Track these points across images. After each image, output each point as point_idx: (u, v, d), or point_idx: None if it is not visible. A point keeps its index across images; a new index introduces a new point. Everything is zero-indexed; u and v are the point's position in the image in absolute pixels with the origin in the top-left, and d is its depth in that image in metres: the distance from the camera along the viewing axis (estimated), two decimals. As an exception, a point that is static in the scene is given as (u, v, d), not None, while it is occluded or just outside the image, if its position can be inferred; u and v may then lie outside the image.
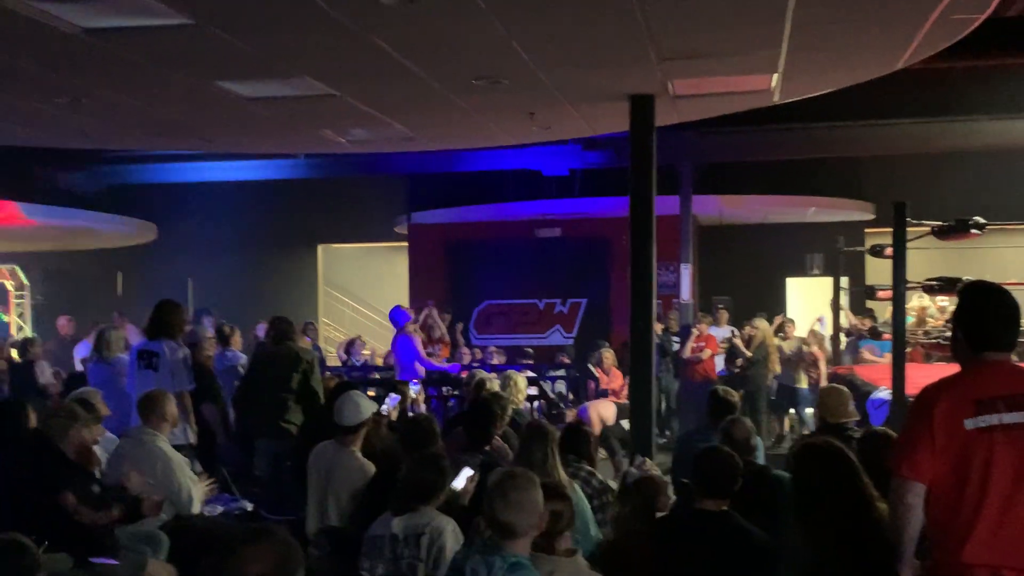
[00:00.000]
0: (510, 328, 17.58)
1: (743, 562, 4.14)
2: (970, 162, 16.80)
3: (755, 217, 18.11)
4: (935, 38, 6.51)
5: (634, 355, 7.86)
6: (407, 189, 18.54)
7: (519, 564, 3.53)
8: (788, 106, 8.74)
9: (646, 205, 7.76)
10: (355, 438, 5.50)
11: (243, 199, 18.77)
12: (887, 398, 8.14)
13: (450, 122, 8.94)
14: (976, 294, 3.58)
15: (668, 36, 6.14)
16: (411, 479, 4.40)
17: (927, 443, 3.34)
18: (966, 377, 3.45)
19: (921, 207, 9.97)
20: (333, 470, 5.40)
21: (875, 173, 17.41)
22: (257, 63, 6.59)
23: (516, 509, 3.58)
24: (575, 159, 14.97)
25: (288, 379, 7.47)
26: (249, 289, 18.88)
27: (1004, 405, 3.30)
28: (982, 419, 3.28)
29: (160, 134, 9.61)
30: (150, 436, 5.70)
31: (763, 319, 13.09)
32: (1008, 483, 3.25)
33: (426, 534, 4.17)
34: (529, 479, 3.71)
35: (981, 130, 14.17)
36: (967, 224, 8.35)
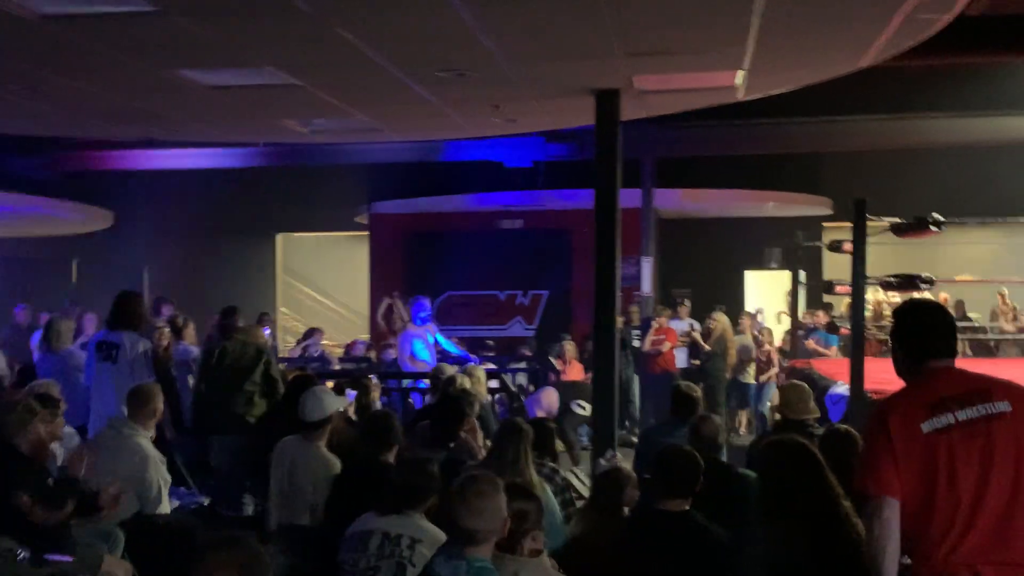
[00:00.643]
0: (471, 319, 17.56)
1: (704, 562, 4.15)
2: (928, 159, 17.02)
3: (715, 211, 18.23)
4: (901, 37, 6.56)
5: (597, 348, 7.87)
6: (368, 178, 18.42)
7: (484, 569, 3.51)
8: (749, 102, 8.78)
9: (611, 200, 7.76)
10: (320, 434, 5.45)
11: (201, 187, 18.55)
12: (845, 393, 8.19)
13: (414, 114, 8.89)
14: (909, 311, 3.65)
15: (634, 32, 6.14)
16: (400, 483, 4.34)
17: (889, 457, 3.35)
18: (914, 386, 3.48)
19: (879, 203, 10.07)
20: (297, 466, 5.35)
21: (833, 169, 17.58)
22: (220, 52, 6.51)
23: (477, 516, 3.55)
24: (538, 151, 14.96)
25: (250, 373, 7.38)
26: (207, 278, 18.69)
27: (956, 404, 3.34)
28: (937, 420, 3.31)
29: (118, 121, 9.46)
30: (131, 430, 5.63)
31: (722, 312, 13.18)
32: (975, 479, 3.28)
33: (405, 536, 4.13)
34: (492, 484, 3.67)
35: (939, 127, 14.35)
36: (926, 222, 8.43)
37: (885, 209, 9.30)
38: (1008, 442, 3.30)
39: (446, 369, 7.98)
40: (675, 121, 12.62)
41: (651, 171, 14.96)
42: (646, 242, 15.00)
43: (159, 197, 18.55)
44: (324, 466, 5.30)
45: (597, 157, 7.85)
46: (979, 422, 3.31)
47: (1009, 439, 3.30)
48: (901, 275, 8.37)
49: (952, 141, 14.87)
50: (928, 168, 17.30)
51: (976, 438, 3.30)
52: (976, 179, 17.51)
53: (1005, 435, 3.30)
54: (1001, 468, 3.29)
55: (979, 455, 3.29)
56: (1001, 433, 3.30)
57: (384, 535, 4.17)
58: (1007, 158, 17.19)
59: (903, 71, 12.13)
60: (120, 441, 5.58)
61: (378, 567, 4.11)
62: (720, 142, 14.69)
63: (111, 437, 5.67)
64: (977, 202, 16.42)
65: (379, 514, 4.26)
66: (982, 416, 3.31)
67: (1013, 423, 3.32)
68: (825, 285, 11.41)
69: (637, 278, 15.34)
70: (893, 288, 8.74)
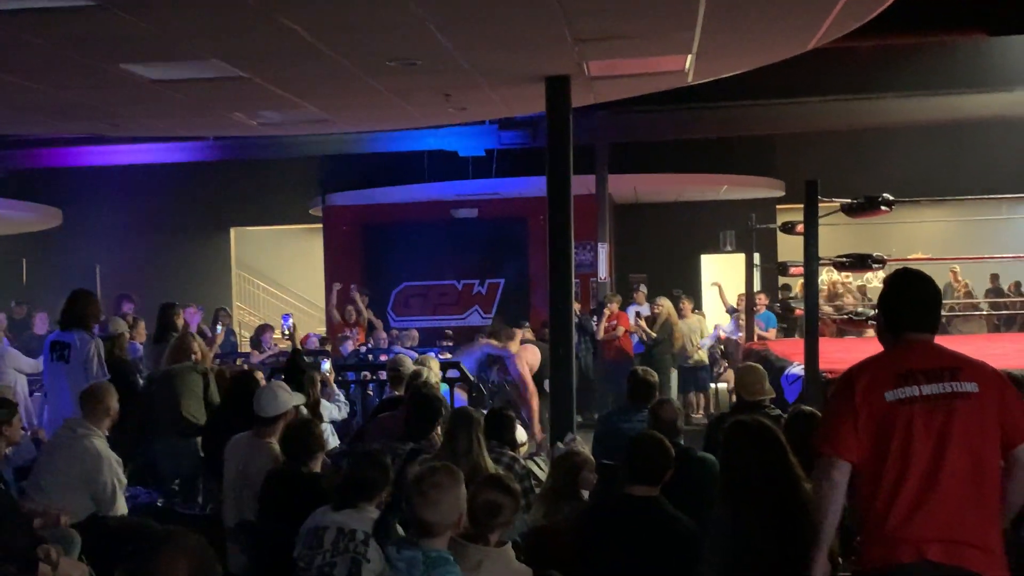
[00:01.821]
0: (429, 310, 17.53)
1: (670, 549, 4.16)
2: (881, 139, 17.20)
3: (669, 196, 18.31)
4: (845, 19, 6.61)
5: (553, 334, 7.88)
6: (321, 170, 18.29)
7: (439, 558, 3.51)
8: (700, 85, 8.81)
9: (563, 186, 7.77)
10: (273, 430, 5.40)
11: (152, 182, 18.37)
12: (801, 373, 8.26)
13: (365, 104, 8.83)
14: (896, 280, 3.65)
15: (583, 17, 6.13)
16: (354, 476, 4.31)
17: (850, 420, 3.39)
18: (887, 355, 3.53)
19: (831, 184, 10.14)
20: (250, 463, 5.30)
21: (786, 151, 17.72)
22: (162, 45, 6.41)
23: (434, 508, 3.55)
24: (492, 139, 14.94)
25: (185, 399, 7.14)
26: (160, 274, 18.51)
27: (923, 377, 3.36)
28: (902, 391, 3.34)
29: (63, 118, 9.31)
30: (85, 430, 5.57)
31: (666, 298, 13.29)
32: (928, 455, 3.30)
33: (359, 531, 4.10)
34: (452, 477, 3.67)
35: (889, 108, 14.50)
36: (876, 201, 8.51)
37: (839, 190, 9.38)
38: (970, 422, 3.32)
39: (405, 361, 7.92)
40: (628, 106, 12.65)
41: (605, 157, 14.98)
42: (601, 228, 15.03)
43: (110, 193, 18.34)
44: (277, 463, 5.24)
45: (549, 143, 7.85)
46: (943, 399, 3.33)
47: (971, 420, 3.32)
48: (853, 255, 8.44)
49: (903, 121, 15.04)
50: (881, 148, 17.50)
51: (937, 413, 3.32)
52: (929, 159, 17.75)
53: (967, 415, 3.32)
54: (958, 447, 3.30)
55: (937, 430, 3.30)
56: (963, 412, 3.32)
57: (339, 530, 4.14)
58: (958, 137, 17.44)
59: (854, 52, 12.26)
60: (74, 442, 5.52)
61: (334, 563, 4.09)
62: (673, 126, 14.74)
63: (66, 438, 5.62)
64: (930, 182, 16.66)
65: (334, 508, 4.23)
66: (947, 393, 3.34)
67: (978, 404, 3.34)
68: (779, 267, 11.50)
69: (593, 264, 15.38)
70: (846, 268, 8.82)
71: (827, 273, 15.75)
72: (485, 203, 17.07)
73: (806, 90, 14.22)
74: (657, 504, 4.31)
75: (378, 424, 6.51)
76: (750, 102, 14.23)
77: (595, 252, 15.21)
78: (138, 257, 18.69)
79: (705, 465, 5.26)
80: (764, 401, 6.22)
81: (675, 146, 16.43)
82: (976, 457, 3.32)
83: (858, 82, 14.54)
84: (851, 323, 8.96)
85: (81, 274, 16.32)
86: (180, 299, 13.14)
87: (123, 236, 18.54)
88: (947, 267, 16.91)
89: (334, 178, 17.99)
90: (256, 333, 13.49)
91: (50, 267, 17.86)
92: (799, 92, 14.24)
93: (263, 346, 12.53)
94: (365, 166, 17.13)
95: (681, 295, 13.96)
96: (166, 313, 8.25)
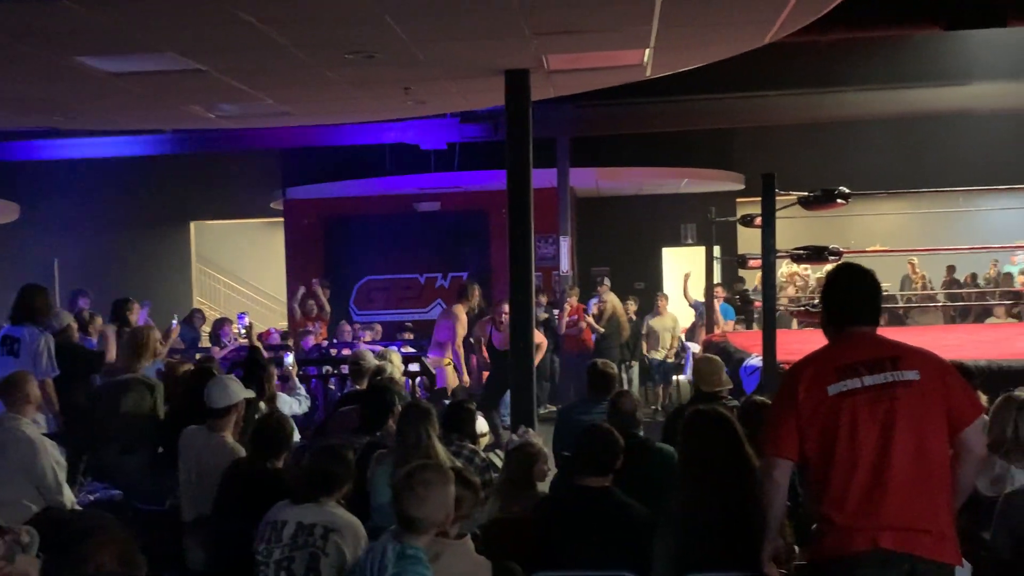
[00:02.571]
0: (392, 303, 17.49)
1: (624, 538, 4.20)
2: (838, 133, 17.38)
3: (631, 189, 18.40)
4: (800, 13, 6.66)
5: (514, 327, 7.89)
6: (282, 164, 18.19)
7: (412, 556, 3.52)
8: (661, 79, 8.85)
9: (523, 180, 7.78)
10: (226, 422, 5.37)
11: (110, 176, 18.18)
12: (759, 364, 8.35)
13: (324, 97, 8.79)
14: (836, 275, 3.73)
15: (540, 11, 6.14)
16: (315, 470, 4.29)
17: (792, 419, 3.44)
18: (829, 349, 3.58)
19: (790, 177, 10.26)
20: (203, 456, 5.27)
21: (746, 144, 17.86)
22: (117, 38, 6.34)
23: (422, 505, 3.57)
24: (453, 132, 14.92)
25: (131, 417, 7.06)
26: (119, 269, 18.34)
27: (865, 369, 3.40)
28: (843, 384, 3.39)
29: (18, 111, 9.19)
30: (12, 420, 5.49)
31: (610, 291, 13.38)
32: (874, 444, 3.34)
33: (319, 525, 4.09)
34: (441, 474, 3.69)
35: (848, 101, 14.65)
36: (832, 194, 8.62)
37: (799, 183, 9.49)
38: (913, 409, 3.37)
39: (367, 355, 7.91)
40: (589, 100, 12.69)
41: (567, 151, 15.02)
42: (563, 221, 15.06)
43: (67, 187, 18.14)
44: (231, 456, 5.23)
45: (508, 137, 7.86)
46: (885, 388, 3.38)
47: (915, 407, 3.37)
48: (810, 247, 8.55)
49: (861, 115, 15.20)
50: (840, 142, 17.69)
51: (880, 402, 3.37)
52: (887, 152, 17.96)
53: (910, 402, 3.37)
54: (904, 434, 3.34)
55: (882, 419, 3.35)
56: (906, 400, 3.37)
57: (298, 524, 4.13)
58: (916, 131, 17.66)
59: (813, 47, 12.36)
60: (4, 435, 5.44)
61: (292, 557, 4.08)
62: (633, 120, 14.80)
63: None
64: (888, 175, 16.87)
65: (293, 502, 4.22)
66: (888, 382, 3.38)
67: (920, 391, 3.39)
68: (739, 259, 11.60)
69: (555, 257, 15.42)
70: (803, 260, 8.93)
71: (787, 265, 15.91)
72: (447, 196, 17.06)
73: (765, 84, 14.34)
74: (609, 494, 4.36)
75: (339, 418, 6.52)
76: (710, 96, 14.32)
77: (557, 245, 15.24)
78: (97, 252, 18.50)
79: (662, 455, 5.31)
80: (722, 392, 6.31)
81: (636, 139, 16.50)
82: (923, 443, 3.37)
83: (816, 76, 14.68)
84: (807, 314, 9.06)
85: (39, 269, 16.15)
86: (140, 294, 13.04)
87: (81, 230, 18.35)
88: (905, 259, 17.14)
89: (295, 171, 17.90)
90: (213, 328, 13.36)
91: (7, 262, 17.63)
92: (758, 86, 14.35)
93: (222, 340, 12.43)
94: (326, 159, 17.06)
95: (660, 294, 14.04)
96: (119, 309, 8.18)
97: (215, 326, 13.38)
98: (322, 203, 17.68)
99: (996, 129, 17.28)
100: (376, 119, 12.24)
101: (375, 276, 17.51)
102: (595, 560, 4.17)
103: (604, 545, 4.20)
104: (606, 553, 4.18)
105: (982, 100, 14.48)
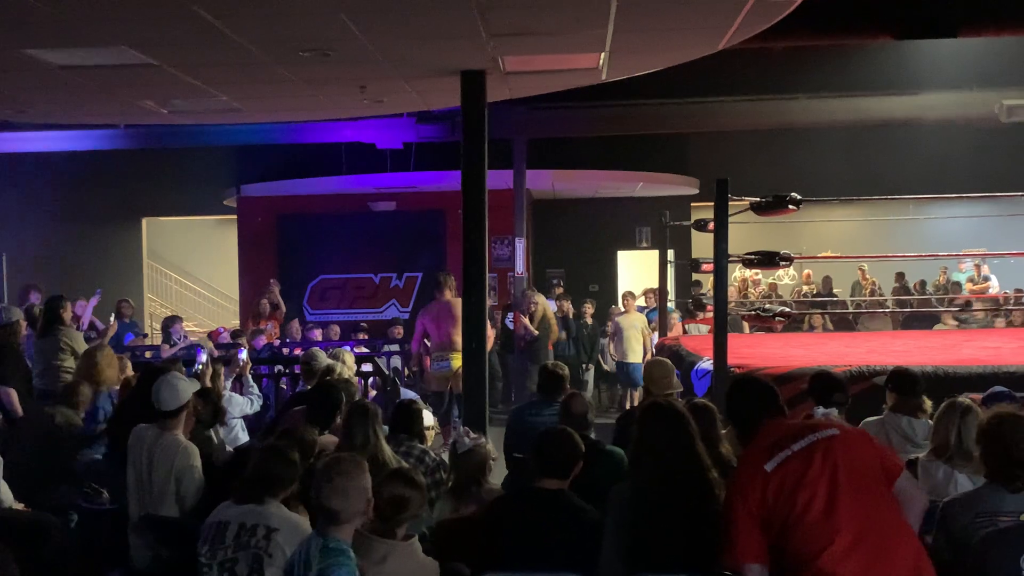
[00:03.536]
0: (346, 303, 17.41)
1: (575, 540, 4.21)
2: (792, 139, 17.56)
3: (587, 191, 18.47)
4: (754, 20, 6.72)
5: (467, 327, 7.88)
6: (236, 161, 18.03)
7: (335, 549, 3.51)
8: (618, 83, 8.90)
9: (479, 182, 7.77)
10: (176, 422, 5.32)
11: (61, 171, 17.94)
12: (710, 368, 8.41)
13: (278, 94, 8.72)
14: (734, 389, 4.05)
15: (496, 12, 6.14)
16: (260, 469, 4.25)
17: (746, 519, 3.56)
18: (753, 442, 3.76)
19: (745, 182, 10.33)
20: (154, 455, 5.21)
21: (701, 149, 18.00)
22: (68, 31, 6.26)
23: (341, 495, 3.56)
24: (410, 132, 14.89)
25: None
26: (70, 264, 18.08)
27: (791, 440, 3.61)
28: (777, 457, 3.57)
29: (-35, 103, 9.05)
30: None
31: (541, 295, 13.45)
32: (825, 497, 3.47)
33: (261, 526, 4.05)
34: (356, 465, 3.68)
35: (800, 109, 14.81)
36: (784, 200, 8.69)
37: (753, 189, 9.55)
38: (846, 459, 3.53)
39: (319, 355, 7.87)
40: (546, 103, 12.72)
41: (523, 152, 15.04)
42: (519, 223, 15.07)
43: (17, 181, 17.87)
44: (183, 454, 5.17)
45: (464, 138, 7.85)
46: (815, 445, 3.56)
47: (847, 457, 3.54)
48: (761, 252, 8.61)
49: (814, 122, 15.36)
50: (794, 148, 17.86)
51: (814, 459, 3.53)
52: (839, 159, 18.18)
53: (843, 452, 3.54)
54: (849, 482, 3.48)
55: (826, 475, 3.50)
56: (837, 452, 3.54)
57: (240, 526, 4.09)
58: (868, 139, 17.89)
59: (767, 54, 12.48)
60: None
61: (236, 558, 4.04)
62: (590, 123, 14.87)
63: None
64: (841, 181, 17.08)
65: (237, 502, 4.18)
66: (815, 441, 3.58)
67: (846, 442, 3.59)
68: (692, 263, 11.67)
69: (511, 259, 15.43)
70: (754, 265, 9.00)
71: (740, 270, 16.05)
72: (403, 196, 17.02)
73: (720, 90, 14.47)
74: (564, 496, 4.36)
75: (289, 418, 6.47)
76: (665, 101, 14.42)
77: (513, 247, 15.26)
78: (47, 247, 18.22)
79: (612, 458, 5.33)
80: (672, 395, 6.32)
81: (593, 142, 16.58)
82: (868, 487, 3.52)
83: (771, 83, 14.84)
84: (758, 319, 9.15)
85: (-14, 264, 15.90)
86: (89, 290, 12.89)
87: (31, 225, 18.06)
88: (856, 265, 17.37)
89: (249, 168, 17.76)
90: (164, 325, 13.20)
91: (-46, 257, 17.35)
92: (714, 92, 14.48)
93: (172, 338, 12.30)
94: (281, 157, 16.95)
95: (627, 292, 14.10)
96: (52, 306, 8.05)
97: (165, 324, 13.23)
98: (276, 201, 17.56)
99: (946, 138, 17.55)
100: (332, 117, 12.18)
101: (329, 275, 17.42)
102: (545, 562, 4.17)
103: (555, 547, 4.20)
104: (556, 555, 4.18)
105: (932, 109, 14.71)
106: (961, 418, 4.81)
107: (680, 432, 4.17)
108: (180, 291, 21.08)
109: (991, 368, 7.65)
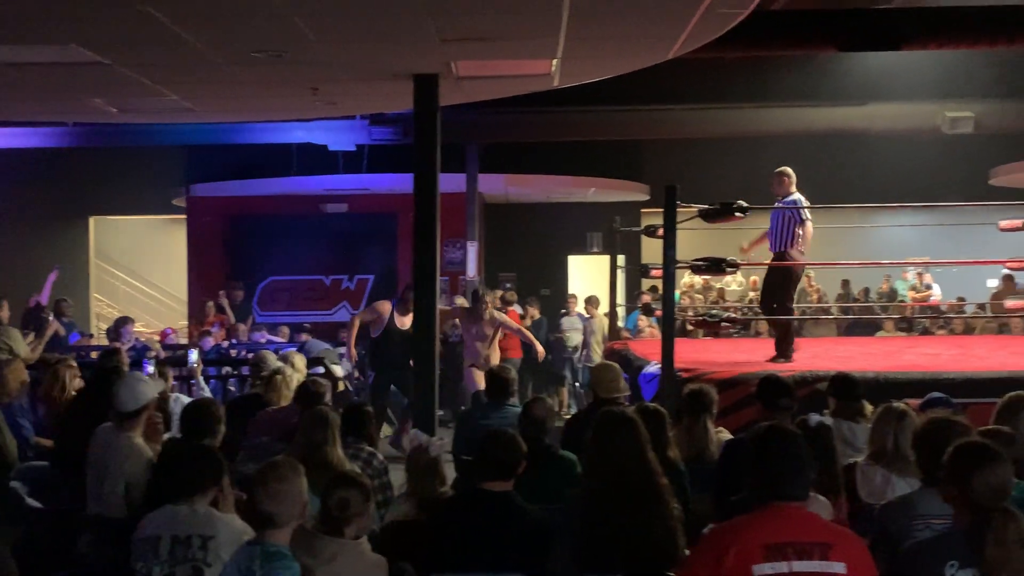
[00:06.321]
0: (296, 305, 17.34)
1: (520, 542, 4.26)
2: (742, 147, 17.77)
3: (539, 196, 18.56)
4: (703, 30, 6.83)
5: (417, 331, 7.91)
6: (186, 160, 17.88)
7: (277, 554, 3.53)
8: (570, 89, 8.97)
9: (431, 184, 7.80)
10: (135, 423, 5.27)
11: (7, 168, 17.65)
12: (657, 372, 8.49)
13: (229, 95, 8.69)
14: (767, 438, 3.40)
15: (448, 16, 6.18)
16: (186, 467, 4.21)
17: None
18: (757, 521, 3.29)
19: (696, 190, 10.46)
20: (109, 456, 5.17)
21: (652, 156, 18.15)
22: (15, 27, 6.20)
23: (277, 499, 3.58)
24: (362, 134, 14.87)
25: None
26: (15, 264, 17.81)
27: (794, 553, 3.17)
28: (770, 566, 3.16)
29: (-92, 98, 8.90)
30: None
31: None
32: None
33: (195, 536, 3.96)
34: (292, 468, 3.70)
35: (749, 117, 15.01)
36: (731, 207, 8.81)
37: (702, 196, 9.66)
38: None
39: (268, 357, 7.84)
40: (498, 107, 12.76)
41: (476, 156, 15.09)
42: (471, 226, 15.14)
43: (-39, 179, 17.58)
44: (138, 456, 5.14)
45: (416, 141, 7.88)
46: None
47: None
48: (708, 258, 8.71)
49: (763, 131, 15.57)
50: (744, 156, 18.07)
51: None
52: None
53: None
54: None
55: None
56: None
57: (173, 539, 3.97)
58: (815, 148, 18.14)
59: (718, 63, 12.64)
60: None
61: (173, 573, 3.93)
62: (542, 128, 14.95)
63: None
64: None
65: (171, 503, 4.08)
66: (815, 572, 3.17)
67: None
68: (641, 269, 11.78)
69: (462, 262, 15.48)
70: (702, 271, 9.09)
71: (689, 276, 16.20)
72: (355, 198, 16.99)
73: (671, 98, 14.61)
74: (509, 498, 4.41)
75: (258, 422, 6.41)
76: (618, 107, 14.54)
77: (464, 250, 15.31)
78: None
79: (564, 462, 5.40)
80: (619, 399, 6.41)
81: (545, 147, 16.66)
82: None
83: (721, 92, 15.01)
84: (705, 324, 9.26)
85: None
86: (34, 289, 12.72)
87: (-25, 224, 17.80)
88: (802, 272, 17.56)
89: (199, 168, 17.61)
90: (115, 326, 13.06)
91: None
92: (665, 99, 14.61)
93: (122, 339, 12.16)
94: (232, 157, 16.82)
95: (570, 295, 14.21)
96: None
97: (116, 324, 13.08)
98: (226, 201, 17.44)
99: (892, 149, 17.87)
100: (284, 119, 12.14)
101: (279, 277, 17.33)
102: (490, 564, 4.21)
103: (500, 549, 4.24)
104: (501, 557, 4.23)
105: (878, 120, 14.99)
106: (897, 423, 4.89)
107: (631, 439, 4.29)
108: (128, 291, 20.84)
109: (930, 374, 7.79)
